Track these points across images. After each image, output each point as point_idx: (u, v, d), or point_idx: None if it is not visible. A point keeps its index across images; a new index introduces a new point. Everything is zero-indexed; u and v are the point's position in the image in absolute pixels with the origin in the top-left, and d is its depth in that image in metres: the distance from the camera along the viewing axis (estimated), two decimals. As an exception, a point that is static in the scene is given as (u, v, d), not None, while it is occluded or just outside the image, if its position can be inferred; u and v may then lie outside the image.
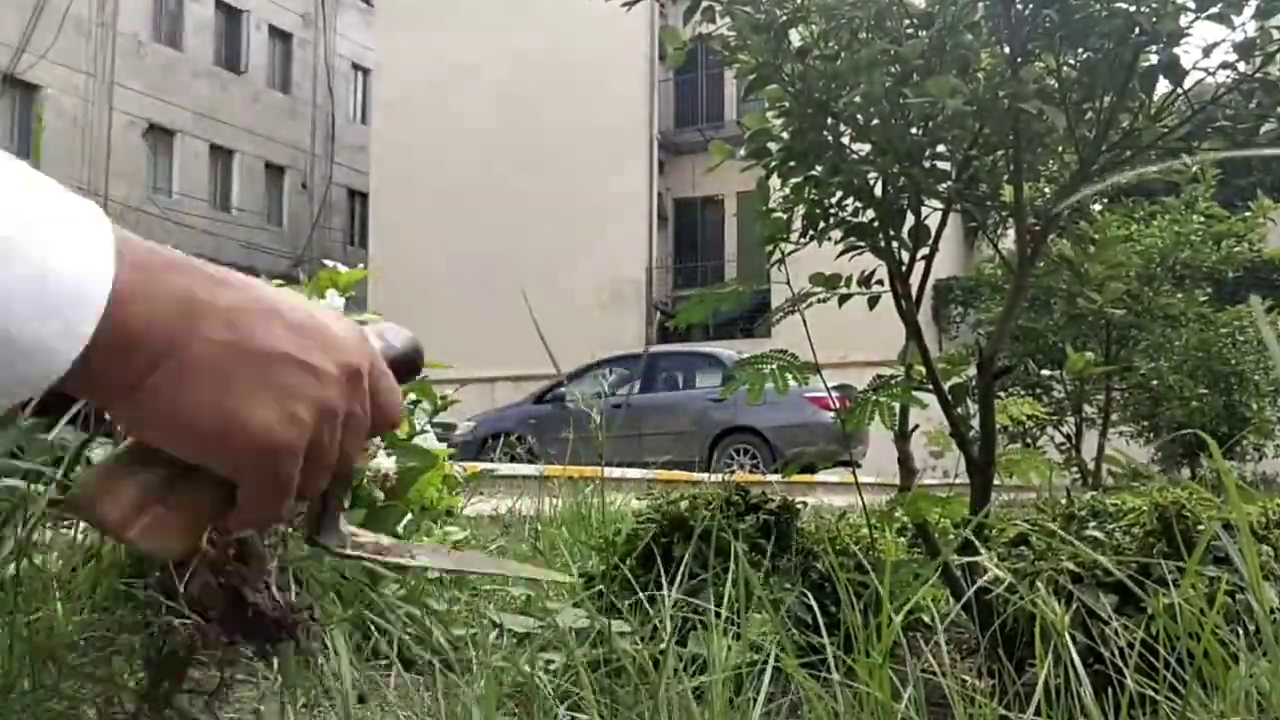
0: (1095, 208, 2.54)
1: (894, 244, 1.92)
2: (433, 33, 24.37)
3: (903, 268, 1.93)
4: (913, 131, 1.81)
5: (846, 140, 1.87)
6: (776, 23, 1.75)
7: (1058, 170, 2.02)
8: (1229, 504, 1.16)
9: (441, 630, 1.70)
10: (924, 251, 1.93)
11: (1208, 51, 1.65)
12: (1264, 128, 1.70)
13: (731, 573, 1.42)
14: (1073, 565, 1.63)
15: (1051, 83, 1.71)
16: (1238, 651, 1.14)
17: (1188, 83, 1.67)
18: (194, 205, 27.40)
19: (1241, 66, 1.68)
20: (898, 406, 1.94)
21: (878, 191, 1.88)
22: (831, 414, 2.98)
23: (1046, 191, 2.17)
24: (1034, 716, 1.11)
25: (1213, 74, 1.70)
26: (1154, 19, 1.57)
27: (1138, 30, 1.59)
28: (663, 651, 1.25)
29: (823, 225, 1.96)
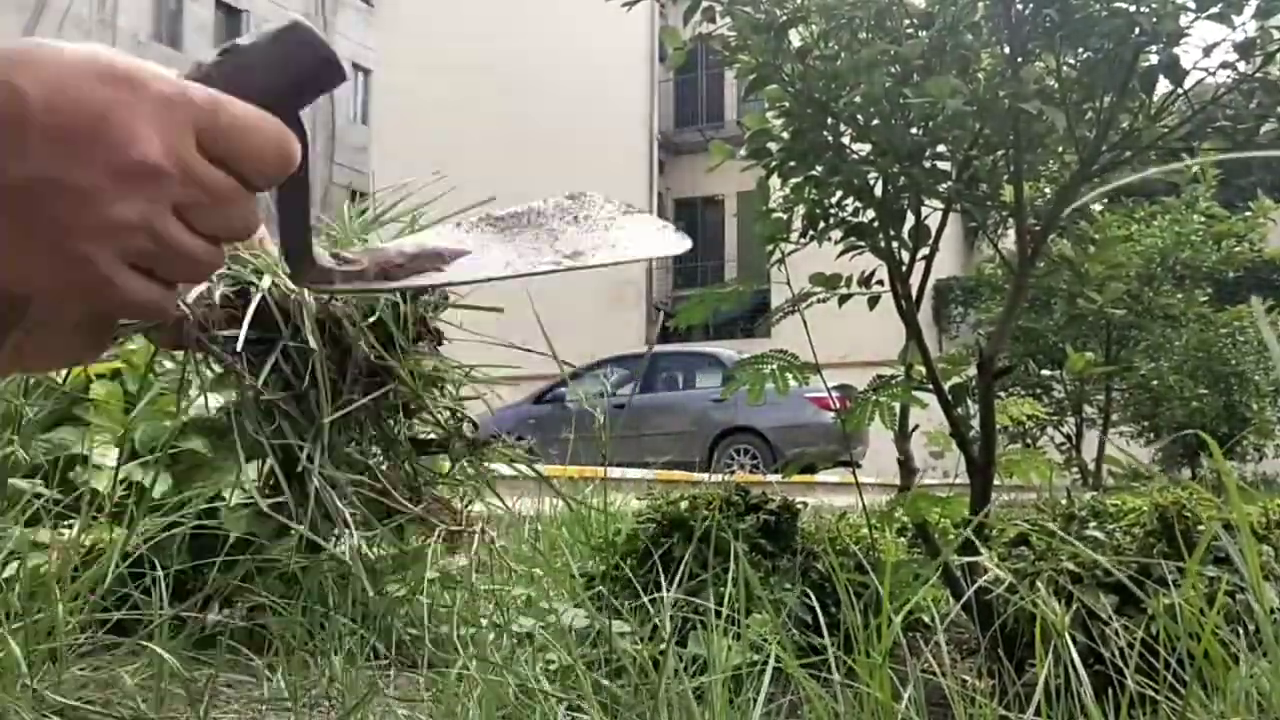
0: (1095, 208, 2.54)
1: (894, 244, 1.92)
2: (433, 32, 24.38)
3: (903, 268, 1.93)
4: (913, 131, 1.81)
5: (846, 140, 1.87)
6: (776, 23, 1.75)
7: (1058, 170, 2.02)
8: (1229, 504, 1.16)
9: (443, 629, 1.70)
10: (924, 251, 1.93)
11: (1208, 51, 1.65)
12: (1264, 127, 1.70)
13: (732, 573, 1.42)
14: (1073, 565, 1.63)
15: (1051, 83, 1.71)
16: (1238, 652, 1.14)
17: (1188, 83, 1.67)
18: (195, 205, 27.40)
19: (1242, 66, 1.68)
20: (898, 406, 1.94)
21: (878, 191, 1.88)
22: (832, 414, 2.97)
23: (1047, 191, 2.17)
24: (1034, 717, 1.11)
25: (1213, 74, 1.70)
26: (1154, 19, 1.57)
27: (1138, 30, 1.59)
28: (663, 651, 1.25)
29: (823, 225, 1.96)
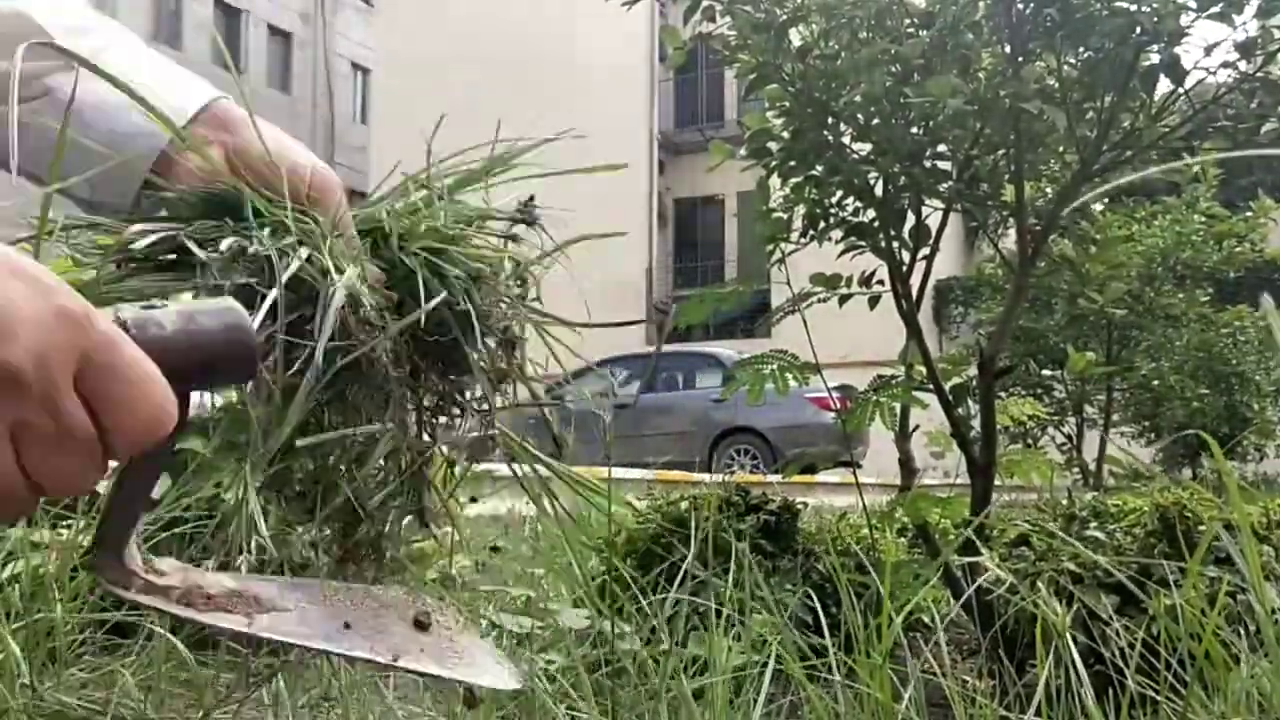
0: (1096, 208, 2.54)
1: (894, 244, 1.92)
2: (433, 33, 24.37)
3: (903, 268, 1.93)
4: (913, 131, 1.80)
5: (847, 140, 1.87)
6: (776, 22, 1.74)
7: (1059, 170, 2.02)
8: (1230, 504, 1.16)
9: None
10: (924, 251, 1.93)
11: (1209, 51, 1.65)
12: (1265, 127, 1.70)
13: (732, 573, 1.42)
14: (1074, 566, 1.63)
15: (1052, 82, 1.71)
16: (1239, 652, 1.14)
17: (1189, 82, 1.67)
18: (195, 205, 27.42)
19: (1243, 66, 1.68)
20: (898, 407, 1.94)
21: (878, 191, 1.88)
22: (832, 414, 2.97)
23: (1048, 191, 2.17)
24: (1034, 717, 1.11)
25: (1214, 73, 1.69)
26: (1155, 18, 1.57)
27: (1139, 29, 1.59)
28: (664, 652, 1.25)
29: (823, 225, 1.96)
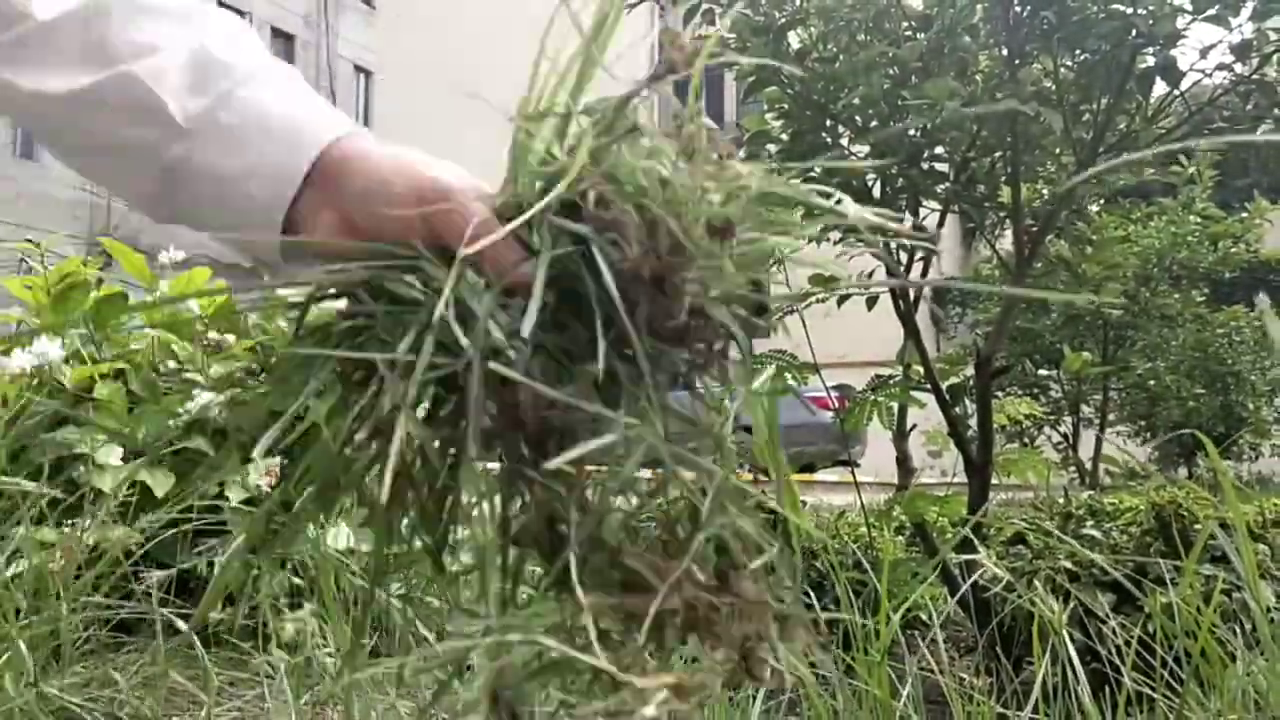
0: (1092, 209, 2.54)
1: (892, 245, 1.92)
2: (433, 33, 24.37)
3: (901, 268, 1.94)
4: (911, 133, 1.81)
5: (845, 142, 1.88)
6: (775, 25, 1.75)
7: (1055, 171, 2.03)
8: (1226, 503, 1.17)
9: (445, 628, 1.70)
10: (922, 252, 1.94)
11: (1205, 53, 1.66)
12: (1260, 129, 1.71)
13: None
14: (1070, 564, 1.64)
15: (1049, 85, 1.72)
16: (1234, 650, 1.15)
17: (1185, 84, 1.68)
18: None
19: (1238, 68, 1.69)
20: (896, 406, 1.95)
21: (876, 193, 1.89)
22: (830, 413, 2.98)
23: (1044, 193, 2.18)
24: (1031, 714, 1.11)
25: (1209, 75, 1.71)
26: (1151, 21, 1.58)
27: (1135, 32, 1.60)
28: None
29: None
